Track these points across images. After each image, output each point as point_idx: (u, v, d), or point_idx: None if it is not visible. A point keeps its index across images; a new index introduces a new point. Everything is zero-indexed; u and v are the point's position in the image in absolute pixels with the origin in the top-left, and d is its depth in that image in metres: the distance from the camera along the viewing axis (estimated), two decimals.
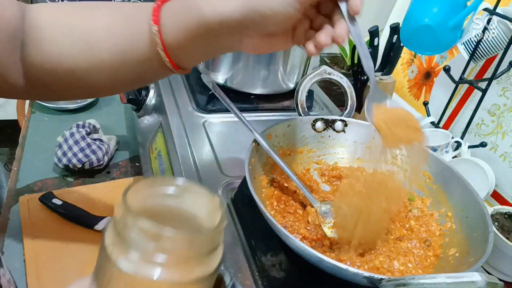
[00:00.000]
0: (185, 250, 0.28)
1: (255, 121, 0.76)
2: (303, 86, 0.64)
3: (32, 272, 0.63)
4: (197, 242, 0.29)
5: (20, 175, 0.82)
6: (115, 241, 0.28)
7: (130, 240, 0.27)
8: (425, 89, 1.09)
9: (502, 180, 0.86)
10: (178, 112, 0.75)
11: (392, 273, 0.47)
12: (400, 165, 0.62)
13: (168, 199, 0.32)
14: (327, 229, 0.51)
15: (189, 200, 0.32)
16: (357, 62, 0.98)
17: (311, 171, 0.62)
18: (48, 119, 1.00)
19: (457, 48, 0.89)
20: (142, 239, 0.27)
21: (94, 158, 0.84)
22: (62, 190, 0.79)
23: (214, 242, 0.30)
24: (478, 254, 0.44)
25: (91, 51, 0.45)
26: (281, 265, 0.48)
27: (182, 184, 0.32)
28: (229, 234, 0.52)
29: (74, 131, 0.85)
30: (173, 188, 0.32)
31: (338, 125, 0.63)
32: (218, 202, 0.32)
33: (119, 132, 0.98)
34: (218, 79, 0.81)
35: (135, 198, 0.30)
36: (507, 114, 0.87)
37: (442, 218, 0.55)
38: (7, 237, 0.69)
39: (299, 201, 0.56)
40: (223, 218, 0.30)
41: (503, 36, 0.79)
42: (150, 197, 0.32)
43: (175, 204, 0.32)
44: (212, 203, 0.32)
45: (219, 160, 0.65)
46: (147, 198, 0.31)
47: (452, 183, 0.56)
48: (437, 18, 0.77)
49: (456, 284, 0.33)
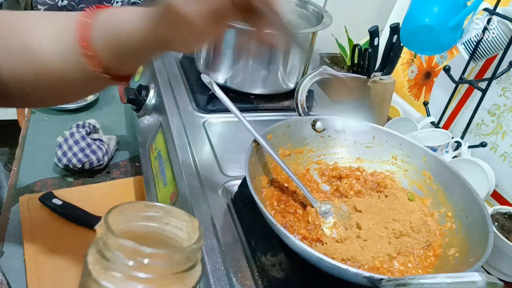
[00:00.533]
0: (164, 267, 0.30)
1: (255, 121, 0.76)
2: (303, 86, 0.64)
3: (32, 272, 0.63)
4: (175, 260, 0.30)
5: (20, 175, 0.82)
6: (97, 259, 0.30)
7: (110, 259, 0.29)
8: (425, 89, 1.09)
9: (502, 180, 0.85)
10: (178, 112, 0.75)
11: (392, 273, 0.47)
12: (400, 165, 0.62)
13: (150, 222, 0.34)
14: (327, 229, 0.51)
15: (170, 222, 0.34)
16: (357, 62, 0.98)
17: (311, 171, 0.62)
18: (48, 119, 1.00)
19: (457, 48, 0.89)
20: (122, 257, 0.28)
21: (94, 158, 0.84)
22: (62, 190, 0.79)
23: (192, 260, 0.31)
24: (478, 254, 0.44)
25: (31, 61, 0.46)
26: (281, 265, 0.48)
27: (164, 207, 0.34)
28: (229, 234, 0.52)
29: (74, 131, 0.85)
30: (155, 211, 0.34)
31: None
32: (197, 224, 0.34)
33: (119, 132, 0.98)
34: (218, 79, 0.81)
35: (118, 220, 0.31)
36: (507, 114, 0.87)
37: (442, 218, 0.55)
38: (7, 237, 0.69)
39: (299, 201, 0.56)
40: (200, 238, 0.32)
41: (503, 36, 0.79)
42: (133, 219, 0.33)
43: (157, 226, 0.34)
44: (191, 225, 0.34)
45: (219, 160, 0.65)
46: (130, 220, 0.33)
47: (452, 183, 0.56)
48: (437, 18, 0.77)
49: (456, 284, 0.33)
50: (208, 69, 0.82)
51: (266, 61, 0.79)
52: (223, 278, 0.46)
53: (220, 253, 0.49)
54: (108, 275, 0.29)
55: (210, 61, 0.82)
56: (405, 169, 0.62)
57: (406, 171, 0.62)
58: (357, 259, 0.46)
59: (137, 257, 0.28)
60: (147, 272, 0.29)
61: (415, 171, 0.61)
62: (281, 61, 0.80)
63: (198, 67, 0.86)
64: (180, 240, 0.34)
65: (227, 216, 0.55)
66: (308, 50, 0.85)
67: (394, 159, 0.63)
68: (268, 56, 0.78)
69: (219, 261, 0.48)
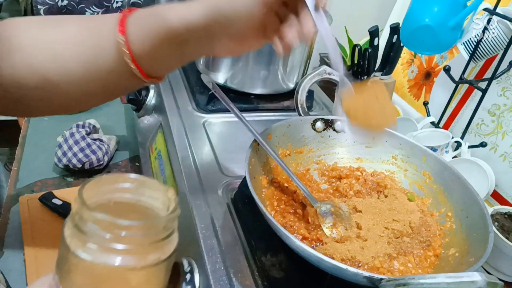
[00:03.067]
0: (140, 237, 0.30)
1: (255, 121, 0.76)
2: (303, 86, 0.64)
3: (32, 272, 0.63)
4: (150, 229, 0.31)
5: (20, 175, 0.82)
6: (73, 232, 0.30)
7: (87, 232, 0.29)
8: (425, 89, 1.09)
9: (502, 180, 0.85)
10: (178, 112, 0.75)
11: (392, 273, 0.47)
12: (400, 165, 0.62)
13: (125, 193, 0.34)
14: (327, 229, 0.51)
15: (145, 193, 0.34)
16: (357, 62, 0.98)
17: (311, 171, 0.62)
18: (48, 119, 1.00)
19: (457, 48, 0.89)
20: (99, 230, 0.29)
21: (94, 158, 0.84)
22: (62, 190, 0.79)
23: (168, 229, 0.32)
24: (478, 254, 0.44)
25: (58, 61, 0.45)
26: (281, 265, 0.48)
27: (138, 178, 0.34)
28: (229, 234, 0.53)
29: (74, 131, 0.85)
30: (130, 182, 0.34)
31: (338, 125, 0.63)
32: (172, 193, 0.34)
33: (119, 132, 0.98)
34: (218, 79, 0.81)
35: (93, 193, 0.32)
36: (507, 114, 0.87)
37: (442, 218, 0.55)
38: (7, 237, 0.69)
39: (299, 201, 0.56)
40: (176, 207, 0.32)
41: (503, 36, 0.79)
42: (109, 191, 0.34)
43: (132, 197, 0.34)
44: (167, 195, 0.34)
45: (219, 160, 0.65)
46: (105, 192, 0.33)
47: (452, 183, 0.56)
48: (437, 18, 0.77)
49: (456, 284, 0.33)
50: (208, 69, 0.82)
51: (266, 61, 0.79)
52: (223, 278, 0.46)
53: (220, 253, 0.49)
54: (86, 248, 0.29)
55: (210, 61, 0.82)
56: (405, 169, 0.62)
57: (406, 171, 0.62)
58: (357, 259, 0.46)
59: (114, 229, 0.29)
60: (124, 243, 0.29)
61: (415, 171, 0.61)
62: (281, 61, 0.80)
63: (198, 67, 0.86)
64: (156, 210, 0.34)
65: (227, 216, 0.55)
66: (308, 50, 0.85)
67: (394, 159, 0.63)
68: (268, 56, 0.78)
69: (219, 261, 0.48)
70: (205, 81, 0.71)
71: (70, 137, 0.84)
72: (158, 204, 0.34)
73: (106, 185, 0.33)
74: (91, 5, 1.17)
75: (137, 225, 0.29)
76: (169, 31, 0.43)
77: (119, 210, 0.34)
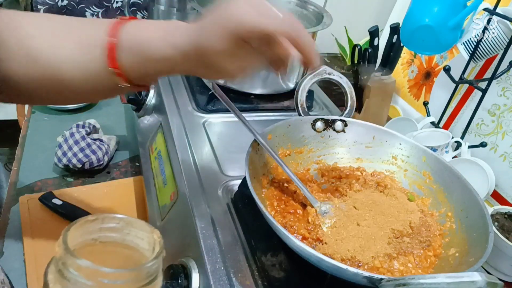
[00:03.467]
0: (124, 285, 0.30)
1: (255, 121, 0.76)
2: (303, 86, 0.64)
3: (32, 272, 0.63)
4: (134, 277, 0.31)
5: (20, 175, 0.82)
6: (56, 277, 0.30)
7: (70, 279, 0.29)
8: (425, 89, 1.09)
9: (502, 180, 0.86)
10: (178, 112, 0.75)
11: (392, 273, 0.47)
12: (400, 165, 0.62)
13: (112, 232, 0.34)
14: (327, 229, 0.51)
15: (131, 232, 0.35)
16: (357, 62, 0.98)
17: (311, 171, 0.62)
18: (48, 119, 1.00)
19: (457, 48, 0.89)
20: (82, 278, 0.29)
21: (94, 158, 0.84)
22: (62, 190, 0.79)
23: (151, 274, 0.32)
24: (478, 254, 0.44)
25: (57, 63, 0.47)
26: (281, 265, 0.48)
27: (125, 218, 0.35)
28: (229, 234, 0.53)
29: (74, 131, 0.85)
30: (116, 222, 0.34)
31: (338, 125, 0.63)
32: (158, 235, 0.34)
33: (119, 132, 0.98)
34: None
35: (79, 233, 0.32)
36: (507, 114, 0.87)
37: (442, 218, 0.55)
38: (7, 237, 0.69)
39: (299, 201, 0.56)
40: (161, 250, 0.33)
41: (503, 36, 0.79)
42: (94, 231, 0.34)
43: (118, 236, 0.34)
44: (152, 235, 0.34)
45: (219, 160, 0.65)
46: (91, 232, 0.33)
47: (452, 183, 0.56)
48: (437, 18, 0.77)
49: (456, 284, 0.33)
50: None
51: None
52: (223, 278, 0.46)
53: (220, 253, 0.49)
54: None
55: None
56: (405, 169, 0.62)
57: (406, 171, 0.62)
58: (357, 259, 0.46)
59: (97, 277, 0.29)
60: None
61: (415, 171, 0.61)
62: None
63: None
64: (141, 250, 0.34)
65: (227, 216, 0.55)
66: None
67: (394, 159, 0.63)
68: None
69: (219, 261, 0.48)
70: (205, 81, 0.71)
71: (70, 137, 0.84)
72: (143, 245, 0.34)
73: (92, 224, 0.34)
74: (91, 5, 1.17)
75: (119, 274, 0.30)
76: (161, 59, 0.45)
77: (105, 250, 0.34)
